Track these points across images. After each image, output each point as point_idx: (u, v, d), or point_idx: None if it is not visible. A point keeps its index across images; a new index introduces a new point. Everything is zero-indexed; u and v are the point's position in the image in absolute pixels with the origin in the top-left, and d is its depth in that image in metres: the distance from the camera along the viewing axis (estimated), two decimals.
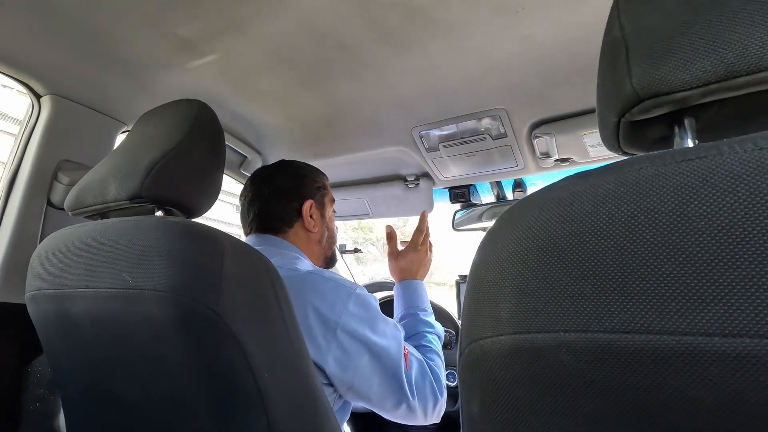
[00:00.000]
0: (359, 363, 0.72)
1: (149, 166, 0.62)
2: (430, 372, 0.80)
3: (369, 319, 0.75)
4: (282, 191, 0.90)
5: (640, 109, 0.31)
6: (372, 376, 0.73)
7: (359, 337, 0.72)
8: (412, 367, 0.78)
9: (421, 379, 0.78)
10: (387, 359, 0.74)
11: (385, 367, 0.74)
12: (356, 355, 0.72)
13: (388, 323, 0.78)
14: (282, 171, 0.94)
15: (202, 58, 0.88)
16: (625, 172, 0.27)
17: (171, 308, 0.51)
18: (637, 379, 0.24)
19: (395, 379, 0.74)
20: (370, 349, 0.73)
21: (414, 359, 0.80)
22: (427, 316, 0.96)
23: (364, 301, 0.76)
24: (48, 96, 0.87)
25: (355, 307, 0.74)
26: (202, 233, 0.54)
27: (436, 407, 0.79)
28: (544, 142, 1.05)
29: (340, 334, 0.71)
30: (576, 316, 0.26)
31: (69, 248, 0.62)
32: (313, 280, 0.75)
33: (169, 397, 0.57)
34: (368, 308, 0.76)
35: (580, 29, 0.77)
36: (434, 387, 0.79)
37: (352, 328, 0.72)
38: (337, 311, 0.72)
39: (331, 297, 0.73)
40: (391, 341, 0.76)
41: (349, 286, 0.76)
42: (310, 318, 0.71)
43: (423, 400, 0.77)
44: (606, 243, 0.26)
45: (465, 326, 0.33)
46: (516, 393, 0.30)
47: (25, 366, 0.83)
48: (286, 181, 0.91)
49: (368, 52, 0.85)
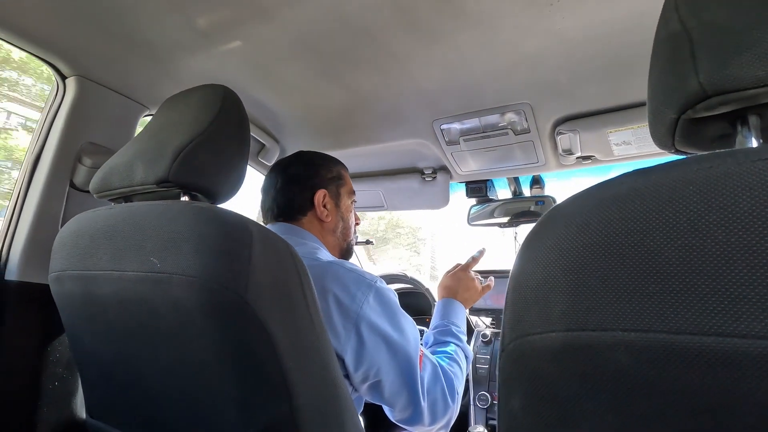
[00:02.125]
0: (376, 356, 0.72)
1: (177, 150, 0.61)
2: (443, 377, 0.80)
3: (389, 314, 0.75)
4: (294, 179, 0.90)
5: (705, 106, 0.30)
6: (388, 370, 0.73)
7: (378, 331, 0.72)
8: (425, 369, 0.78)
9: (432, 383, 0.77)
10: (403, 356, 0.74)
11: (401, 364, 0.73)
12: (373, 347, 0.71)
13: (408, 320, 0.78)
14: (297, 160, 0.94)
15: (227, 44, 0.87)
16: (691, 169, 0.26)
17: (199, 293, 0.51)
18: (702, 381, 0.24)
19: (410, 377, 0.74)
20: (388, 343, 0.73)
21: (428, 362, 0.79)
22: (460, 332, 0.96)
23: (385, 295, 0.76)
24: (73, 77, 0.87)
25: (375, 300, 0.74)
26: (230, 220, 0.54)
27: (445, 414, 0.78)
28: (567, 138, 1.03)
29: (360, 326, 0.71)
30: (637, 316, 0.25)
31: (96, 231, 0.62)
32: (335, 270, 0.74)
33: (194, 381, 0.57)
34: (388, 303, 0.76)
35: (612, 25, 0.75)
36: (446, 393, 0.78)
37: (371, 321, 0.72)
38: (358, 302, 0.72)
39: (353, 288, 0.73)
40: (409, 338, 0.75)
41: (370, 279, 0.76)
42: (331, 307, 0.71)
43: (432, 404, 0.76)
44: (671, 242, 0.25)
45: (509, 322, 0.33)
46: (564, 390, 0.29)
47: (45, 346, 0.84)
48: (299, 170, 0.91)
49: (395, 42, 0.83)
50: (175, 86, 0.86)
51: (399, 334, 0.74)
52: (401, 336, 0.74)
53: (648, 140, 0.99)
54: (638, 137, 0.98)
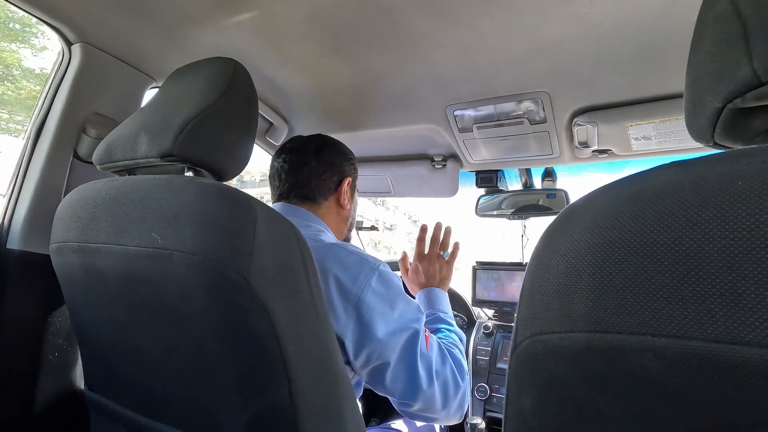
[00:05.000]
0: (376, 340, 0.70)
1: (182, 123, 0.59)
2: (450, 357, 0.79)
3: (391, 298, 0.73)
4: (329, 164, 0.91)
5: (757, 95, 0.27)
6: (390, 355, 0.71)
7: (380, 315, 0.71)
8: (432, 349, 0.76)
9: (441, 364, 0.76)
10: (405, 340, 0.72)
11: (403, 348, 0.72)
12: (374, 331, 0.70)
13: (411, 303, 0.76)
14: (329, 146, 0.94)
15: (238, 16, 0.84)
16: (741, 163, 0.23)
17: (201, 272, 0.49)
18: (738, 394, 0.22)
19: (411, 361, 0.72)
20: (389, 327, 0.71)
21: (434, 342, 0.78)
22: (448, 317, 0.95)
23: (388, 278, 0.74)
24: (79, 44, 0.85)
25: (377, 283, 0.72)
26: (235, 198, 0.52)
27: (457, 394, 0.77)
28: (584, 130, 1.00)
29: (360, 309, 0.69)
30: (670, 320, 0.23)
31: (98, 203, 0.60)
32: (337, 252, 0.73)
33: (192, 359, 0.56)
34: (390, 286, 0.74)
35: (644, 11, 0.71)
36: (455, 372, 0.77)
37: (373, 305, 0.70)
38: (359, 285, 0.70)
39: (354, 270, 0.71)
40: (412, 322, 0.74)
41: (372, 262, 0.74)
42: (332, 288, 0.69)
43: (444, 384, 0.75)
44: (714, 242, 0.23)
45: (524, 318, 0.31)
46: (581, 393, 0.28)
47: (45, 316, 0.84)
48: (333, 156, 0.92)
49: (413, 21, 0.80)
50: (183, 58, 0.84)
51: (401, 317, 0.73)
52: (403, 319, 0.73)
53: (670, 136, 0.95)
54: (660, 132, 0.94)
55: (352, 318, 0.69)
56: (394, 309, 0.73)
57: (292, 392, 0.52)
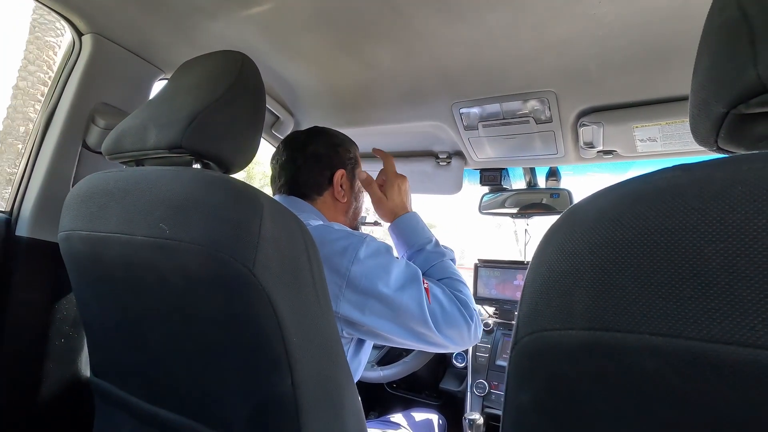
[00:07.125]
0: (374, 309, 0.71)
1: (191, 116, 0.60)
2: (456, 299, 0.79)
3: (382, 265, 0.73)
4: (316, 158, 0.89)
5: (761, 101, 0.28)
6: (390, 328, 0.72)
7: (377, 279, 0.71)
8: (434, 299, 0.76)
9: (449, 307, 0.76)
10: (402, 305, 0.72)
11: (401, 313, 0.72)
12: (370, 301, 0.71)
13: (400, 265, 0.76)
14: (317, 138, 0.92)
15: (247, 10, 0.84)
16: (741, 168, 0.24)
17: (207, 262, 0.50)
18: (733, 394, 0.22)
19: (413, 323, 0.73)
20: (384, 296, 0.71)
21: (437, 289, 0.78)
22: (434, 246, 0.91)
23: (375, 247, 0.74)
24: (90, 35, 0.85)
25: (365, 253, 0.72)
26: (242, 191, 0.53)
27: (470, 333, 0.78)
28: (590, 131, 1.00)
29: (353, 281, 0.70)
30: (668, 319, 0.24)
31: (106, 192, 0.61)
32: (324, 230, 0.74)
33: (197, 348, 0.57)
34: (379, 254, 0.74)
35: (655, 12, 0.71)
36: (464, 313, 0.77)
37: (366, 273, 0.71)
38: (348, 257, 0.71)
39: (342, 244, 0.72)
40: (406, 284, 0.74)
41: (359, 235, 0.74)
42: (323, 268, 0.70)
43: (454, 328, 0.76)
44: (713, 244, 0.23)
45: (525, 314, 0.32)
46: (579, 390, 0.28)
47: (53, 302, 0.85)
48: (320, 149, 0.90)
49: (421, 17, 0.80)
50: (192, 50, 0.84)
51: (395, 282, 0.73)
52: (397, 284, 0.73)
53: (675, 138, 0.95)
54: (665, 134, 0.94)
55: (345, 291, 0.70)
56: (389, 275, 0.73)
57: (295, 383, 0.53)
